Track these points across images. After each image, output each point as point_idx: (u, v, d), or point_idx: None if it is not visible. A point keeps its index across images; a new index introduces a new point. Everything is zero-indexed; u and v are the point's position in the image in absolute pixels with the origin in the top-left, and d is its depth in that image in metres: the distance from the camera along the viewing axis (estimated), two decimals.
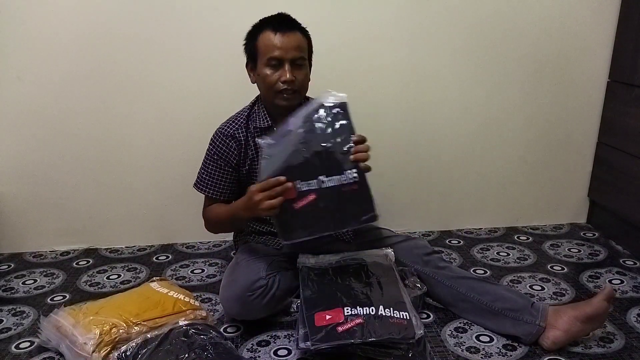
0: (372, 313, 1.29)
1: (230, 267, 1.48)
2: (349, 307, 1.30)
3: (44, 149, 1.84)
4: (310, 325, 1.26)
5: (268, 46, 1.36)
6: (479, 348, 1.35)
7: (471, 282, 1.45)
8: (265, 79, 1.38)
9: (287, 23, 1.39)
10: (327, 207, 1.26)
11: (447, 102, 1.96)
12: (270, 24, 1.38)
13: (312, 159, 1.25)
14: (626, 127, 1.88)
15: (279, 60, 1.36)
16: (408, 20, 1.85)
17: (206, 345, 1.20)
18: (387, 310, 1.30)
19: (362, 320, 1.27)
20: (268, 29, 1.37)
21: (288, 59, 1.36)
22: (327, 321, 1.26)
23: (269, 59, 1.36)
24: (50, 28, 1.73)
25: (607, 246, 1.96)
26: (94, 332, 1.24)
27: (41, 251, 1.95)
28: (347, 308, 1.30)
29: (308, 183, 1.25)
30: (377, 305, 1.31)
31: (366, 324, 1.26)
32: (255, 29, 1.41)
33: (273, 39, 1.36)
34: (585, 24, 1.93)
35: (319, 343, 1.22)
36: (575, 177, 2.12)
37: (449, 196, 2.08)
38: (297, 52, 1.37)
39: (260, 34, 1.38)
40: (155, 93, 1.83)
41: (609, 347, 1.34)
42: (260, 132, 1.46)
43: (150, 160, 1.90)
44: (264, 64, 1.37)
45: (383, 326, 1.26)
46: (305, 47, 1.41)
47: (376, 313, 1.29)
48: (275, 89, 1.38)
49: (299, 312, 1.35)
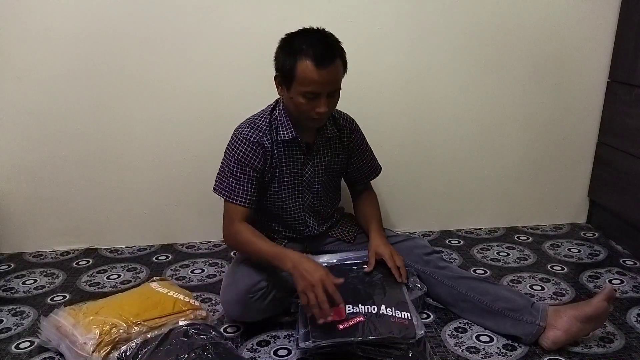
0: (373, 312, 1.29)
1: (231, 269, 1.47)
2: (351, 305, 1.30)
3: (43, 148, 1.84)
4: (312, 322, 1.26)
5: (307, 79, 1.28)
6: (479, 348, 1.35)
7: (471, 282, 1.45)
8: (299, 106, 1.33)
9: (330, 53, 1.29)
10: None
11: (447, 102, 1.96)
12: (312, 53, 1.26)
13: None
14: (626, 127, 1.88)
15: (316, 94, 1.30)
16: (408, 20, 1.85)
17: (206, 345, 1.20)
18: (389, 309, 1.30)
19: (363, 318, 1.27)
20: (309, 60, 1.26)
21: (325, 93, 1.31)
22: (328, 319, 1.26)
23: (307, 92, 1.29)
24: (50, 28, 1.73)
25: (607, 246, 1.96)
26: (94, 332, 1.24)
27: (41, 251, 1.95)
28: (348, 306, 1.30)
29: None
30: (379, 305, 1.31)
31: (367, 322, 1.26)
32: (295, 52, 1.29)
33: (313, 74, 1.26)
34: (585, 24, 1.93)
35: (319, 340, 1.22)
36: (575, 177, 2.12)
37: (449, 196, 2.08)
38: (335, 85, 1.32)
39: (300, 62, 1.27)
40: (155, 93, 1.83)
41: (609, 347, 1.34)
42: (283, 144, 1.43)
43: (150, 161, 1.90)
44: (299, 93, 1.30)
45: (384, 325, 1.26)
46: (342, 75, 1.34)
47: (378, 312, 1.29)
48: (308, 116, 1.35)
49: (299, 312, 1.35)
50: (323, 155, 1.50)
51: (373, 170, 1.63)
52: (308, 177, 1.49)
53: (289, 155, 1.45)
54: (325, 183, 1.54)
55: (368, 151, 1.61)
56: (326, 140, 1.49)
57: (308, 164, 1.48)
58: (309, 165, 1.48)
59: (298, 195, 1.50)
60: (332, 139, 1.50)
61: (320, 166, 1.50)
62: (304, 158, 1.47)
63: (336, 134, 1.50)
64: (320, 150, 1.49)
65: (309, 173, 1.49)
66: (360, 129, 1.59)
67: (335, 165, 1.54)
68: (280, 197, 1.49)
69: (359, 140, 1.57)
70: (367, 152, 1.60)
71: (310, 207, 1.53)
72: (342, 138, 1.53)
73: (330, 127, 1.48)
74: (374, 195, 1.66)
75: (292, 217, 1.52)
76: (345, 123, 1.54)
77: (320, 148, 1.49)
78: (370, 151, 1.62)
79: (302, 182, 1.49)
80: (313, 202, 1.53)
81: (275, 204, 1.50)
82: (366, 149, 1.60)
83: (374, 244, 1.47)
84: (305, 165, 1.48)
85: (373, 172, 1.63)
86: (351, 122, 1.57)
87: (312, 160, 1.48)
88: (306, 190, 1.51)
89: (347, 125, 1.54)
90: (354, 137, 1.55)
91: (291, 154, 1.45)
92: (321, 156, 1.50)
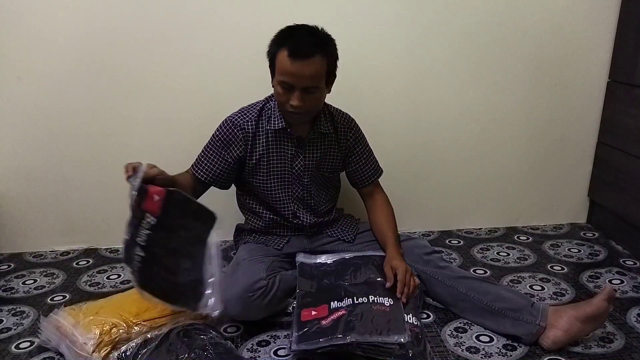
0: (356, 302, 1.30)
1: (231, 268, 1.48)
2: (336, 301, 1.32)
3: (43, 148, 1.84)
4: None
5: (282, 69, 1.31)
6: (479, 348, 1.35)
7: (471, 282, 1.45)
8: (277, 96, 1.38)
9: (306, 48, 1.30)
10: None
11: (447, 102, 1.96)
12: (288, 44, 1.30)
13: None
14: (626, 127, 1.88)
15: (290, 85, 1.33)
16: (408, 20, 1.85)
17: (206, 345, 1.20)
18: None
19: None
20: (285, 51, 1.29)
21: (299, 87, 1.33)
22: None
23: (281, 82, 1.33)
24: (50, 28, 1.73)
25: (607, 246, 1.96)
26: (94, 332, 1.24)
27: (41, 251, 1.95)
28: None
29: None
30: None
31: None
32: (278, 41, 1.34)
33: (287, 65, 1.30)
34: (585, 24, 1.93)
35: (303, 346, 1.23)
36: (575, 177, 2.12)
37: (449, 196, 2.08)
38: (309, 82, 1.32)
39: (279, 52, 1.32)
40: (155, 93, 1.83)
41: (609, 347, 1.34)
42: (273, 133, 1.46)
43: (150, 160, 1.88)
44: (277, 82, 1.35)
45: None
46: (321, 74, 1.34)
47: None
48: (284, 108, 1.38)
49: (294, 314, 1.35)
50: (315, 150, 1.51)
51: (374, 171, 1.63)
52: (298, 170, 1.51)
53: (279, 145, 1.48)
54: (315, 178, 1.55)
55: (367, 151, 1.61)
56: (320, 135, 1.50)
57: (299, 157, 1.50)
58: (299, 157, 1.50)
59: (287, 186, 1.52)
60: (326, 136, 1.51)
61: (311, 160, 1.51)
62: (295, 150, 1.49)
63: (331, 131, 1.51)
64: (313, 145, 1.50)
65: (299, 166, 1.51)
66: (360, 129, 1.59)
67: (328, 161, 1.55)
68: (269, 186, 1.52)
69: (357, 139, 1.57)
70: (366, 152, 1.60)
71: (300, 199, 1.55)
72: (338, 136, 1.53)
73: (325, 123, 1.50)
74: (388, 203, 1.62)
75: (281, 206, 1.54)
76: (342, 121, 1.54)
77: (313, 142, 1.50)
78: (370, 152, 1.62)
79: (292, 173, 1.51)
80: (302, 194, 1.54)
81: (264, 192, 1.53)
82: (365, 149, 1.60)
83: (390, 257, 1.45)
84: (296, 158, 1.50)
85: (375, 174, 1.63)
86: (350, 121, 1.57)
87: (303, 154, 1.50)
88: (295, 182, 1.52)
89: (345, 124, 1.55)
90: (352, 136, 1.56)
91: (281, 145, 1.48)
92: (313, 150, 1.51)
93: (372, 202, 1.63)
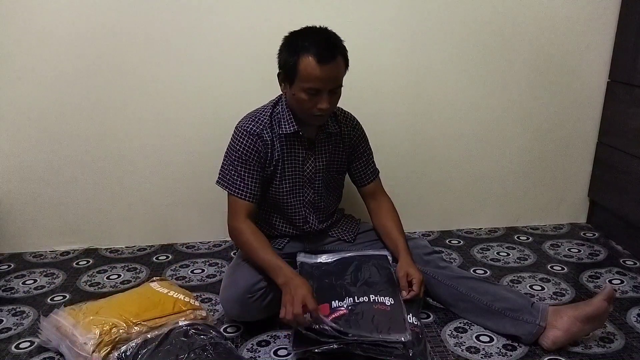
0: (357, 301, 1.30)
1: (231, 268, 1.48)
2: (337, 300, 1.32)
3: (44, 149, 1.84)
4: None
5: (309, 75, 1.29)
6: (479, 348, 1.35)
7: (471, 282, 1.45)
8: (301, 103, 1.34)
9: (332, 50, 1.30)
10: None
11: (447, 102, 1.96)
12: (314, 49, 1.28)
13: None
14: (626, 127, 1.88)
15: (317, 90, 1.31)
16: (408, 20, 1.85)
17: (206, 345, 1.20)
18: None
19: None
20: (311, 56, 1.28)
21: (327, 90, 1.32)
22: None
23: (309, 88, 1.31)
24: (51, 28, 1.73)
25: (607, 246, 1.96)
26: (94, 332, 1.24)
27: (41, 251, 1.95)
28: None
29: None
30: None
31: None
32: (297, 48, 1.31)
33: (315, 70, 1.28)
34: (585, 24, 1.93)
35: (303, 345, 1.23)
36: (575, 177, 2.12)
37: (449, 196, 2.08)
38: (336, 82, 1.34)
39: (302, 58, 1.29)
40: (156, 93, 1.83)
41: (609, 347, 1.34)
42: (285, 138, 1.44)
43: (150, 161, 1.90)
44: (301, 89, 1.32)
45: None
46: (344, 72, 1.36)
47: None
48: (310, 113, 1.36)
49: None
50: (325, 150, 1.50)
51: (373, 171, 1.63)
52: (309, 172, 1.50)
53: (291, 149, 1.46)
54: (326, 179, 1.54)
55: (369, 149, 1.61)
56: (327, 135, 1.50)
57: (309, 159, 1.49)
58: (310, 160, 1.49)
59: (299, 190, 1.51)
60: (333, 135, 1.51)
61: (321, 162, 1.50)
62: (305, 153, 1.48)
63: (337, 130, 1.51)
64: (322, 146, 1.50)
65: (310, 168, 1.49)
66: (363, 129, 1.59)
67: (336, 161, 1.54)
68: (281, 191, 1.49)
69: (360, 138, 1.57)
70: (368, 150, 1.60)
71: (311, 202, 1.53)
72: (342, 135, 1.53)
73: (331, 123, 1.49)
74: (394, 208, 1.60)
75: (292, 212, 1.53)
76: (346, 120, 1.54)
77: (322, 143, 1.50)
78: (371, 149, 1.62)
79: (304, 177, 1.50)
80: (314, 197, 1.53)
81: (276, 198, 1.50)
82: (368, 146, 1.60)
83: (406, 263, 1.44)
84: (307, 160, 1.49)
85: (373, 173, 1.63)
86: (352, 119, 1.57)
87: (313, 156, 1.49)
88: (307, 185, 1.51)
89: (349, 123, 1.55)
90: (355, 135, 1.56)
91: (293, 148, 1.46)
92: (323, 152, 1.50)
93: (377, 205, 1.60)
